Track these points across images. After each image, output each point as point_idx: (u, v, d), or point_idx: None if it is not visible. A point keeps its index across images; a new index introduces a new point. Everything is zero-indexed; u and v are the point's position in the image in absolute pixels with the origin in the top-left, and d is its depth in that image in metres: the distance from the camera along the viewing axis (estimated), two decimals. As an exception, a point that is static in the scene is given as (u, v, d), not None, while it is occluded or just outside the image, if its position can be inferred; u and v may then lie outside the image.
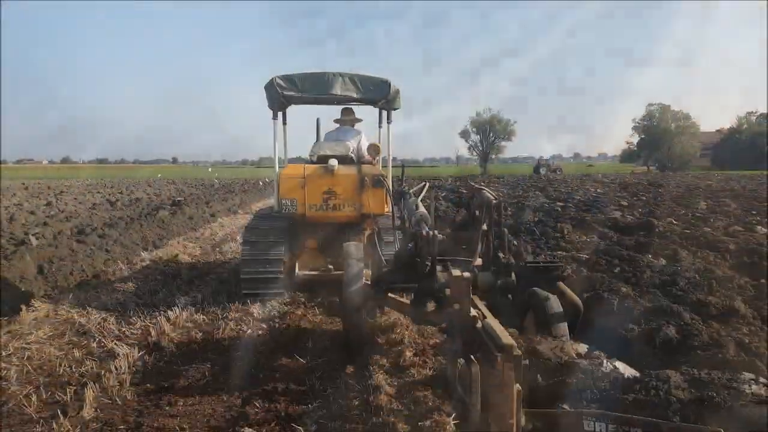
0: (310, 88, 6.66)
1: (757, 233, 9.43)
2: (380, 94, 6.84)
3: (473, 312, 3.46)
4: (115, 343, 4.91)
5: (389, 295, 4.59)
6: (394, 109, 7.06)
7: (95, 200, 22.44)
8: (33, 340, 5.08)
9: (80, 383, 4.11)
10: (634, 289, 5.49)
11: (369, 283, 4.56)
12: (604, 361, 3.22)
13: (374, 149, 7.25)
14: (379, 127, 7.63)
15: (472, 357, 3.07)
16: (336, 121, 7.78)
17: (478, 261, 4.37)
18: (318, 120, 7.95)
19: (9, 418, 3.64)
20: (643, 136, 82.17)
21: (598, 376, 3.09)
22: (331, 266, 6.86)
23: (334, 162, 6.71)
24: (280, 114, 7.17)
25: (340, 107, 7.69)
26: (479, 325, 3.28)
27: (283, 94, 6.60)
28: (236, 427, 3.40)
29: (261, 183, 38.19)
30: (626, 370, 3.17)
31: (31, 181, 43.61)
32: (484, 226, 4.34)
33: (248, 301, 6.28)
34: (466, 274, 3.60)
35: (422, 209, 5.25)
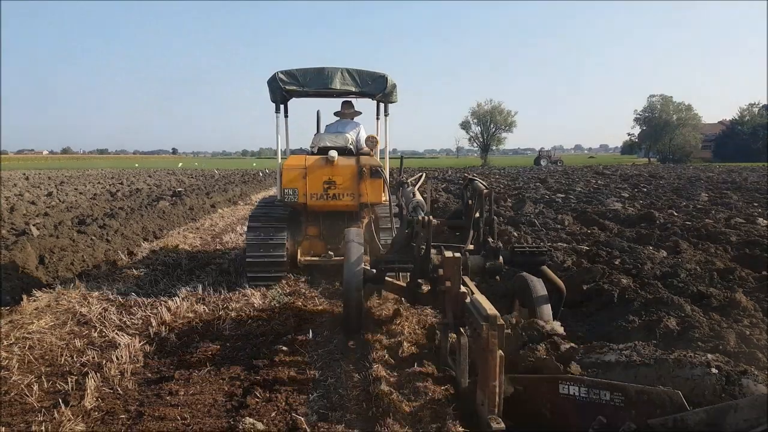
0: (310, 83, 6.88)
1: (759, 225, 9.42)
2: (378, 88, 7.04)
3: (463, 289, 3.80)
4: (116, 333, 4.93)
5: (386, 278, 4.87)
6: (392, 103, 7.24)
7: (96, 191, 22.44)
8: (34, 329, 5.09)
9: (81, 373, 4.12)
10: (634, 281, 5.48)
11: (368, 267, 4.86)
12: None
13: (372, 141, 7.53)
14: (377, 119, 7.84)
15: (461, 330, 3.56)
16: (336, 113, 7.98)
17: (470, 246, 4.68)
18: (318, 112, 8.24)
19: (10, 407, 3.64)
20: (644, 128, 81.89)
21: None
22: (331, 252, 7.08)
23: (333, 153, 6.89)
24: (282, 107, 7.35)
25: (340, 100, 7.89)
26: (468, 300, 3.55)
27: (285, 89, 6.85)
28: (237, 416, 3.41)
29: (261, 174, 38.18)
30: None
31: (32, 171, 43.62)
32: (477, 214, 4.66)
33: (251, 285, 6.64)
34: (457, 255, 4.04)
35: (419, 197, 5.68)
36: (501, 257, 4.44)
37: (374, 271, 4.75)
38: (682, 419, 2.41)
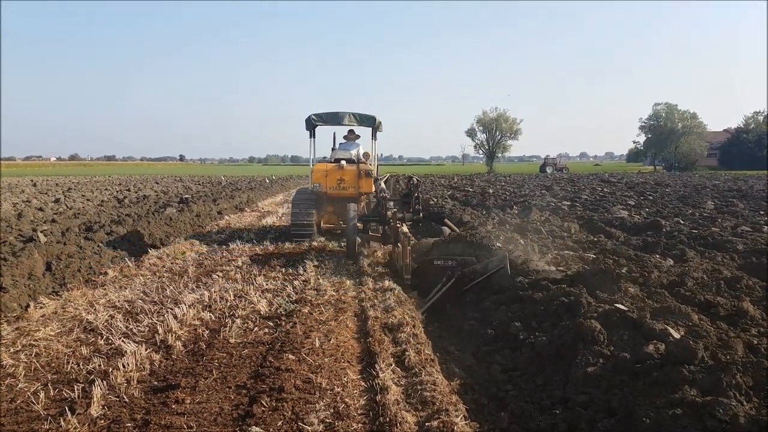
0: (330, 120, 11.79)
1: (766, 233, 9.36)
2: (370, 123, 11.93)
3: (399, 226, 7.66)
4: (123, 341, 4.93)
5: (370, 233, 10.11)
6: (379, 132, 12.32)
7: (103, 197, 22.53)
8: (41, 336, 5.11)
9: (88, 380, 4.12)
10: (641, 289, 5.45)
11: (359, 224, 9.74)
12: None
13: (366, 155, 11.85)
14: (372, 140, 12.53)
15: (398, 244, 7.53)
16: (344, 137, 12.54)
17: (411, 210, 9.24)
18: (335, 134, 12.98)
19: (17, 414, 3.65)
20: (649, 136, 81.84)
21: None
22: (341, 222, 11.06)
23: (343, 162, 11.37)
24: (313, 133, 12.12)
25: (347, 129, 12.38)
26: (400, 230, 7.44)
27: (314, 123, 11.75)
28: (243, 425, 3.40)
29: (268, 180, 38.28)
30: None
31: (40, 178, 43.87)
32: (416, 194, 9.48)
33: (293, 241, 10.70)
34: (396, 210, 8.22)
35: (383, 185, 10.42)
36: (421, 214, 9.37)
37: (361, 226, 9.72)
38: (474, 268, 6.04)
